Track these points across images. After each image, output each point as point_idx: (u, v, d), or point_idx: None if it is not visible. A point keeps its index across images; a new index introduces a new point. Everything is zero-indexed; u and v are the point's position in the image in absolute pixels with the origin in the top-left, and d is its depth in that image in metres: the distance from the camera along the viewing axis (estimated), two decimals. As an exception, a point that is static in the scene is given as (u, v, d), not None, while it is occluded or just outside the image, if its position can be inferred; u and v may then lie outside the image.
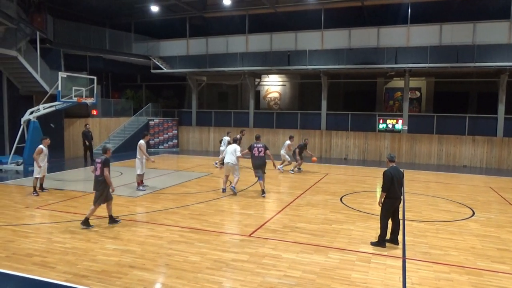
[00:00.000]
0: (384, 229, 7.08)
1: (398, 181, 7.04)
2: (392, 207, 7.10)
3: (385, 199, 7.08)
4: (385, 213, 7.12)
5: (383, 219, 7.12)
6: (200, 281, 5.58)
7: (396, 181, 7.00)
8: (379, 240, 7.10)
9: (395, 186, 6.99)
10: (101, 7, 21.96)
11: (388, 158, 7.36)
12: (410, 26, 18.80)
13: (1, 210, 9.25)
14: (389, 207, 7.08)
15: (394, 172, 7.04)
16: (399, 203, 7.18)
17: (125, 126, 22.35)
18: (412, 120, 19.76)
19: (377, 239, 7.15)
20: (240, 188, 12.19)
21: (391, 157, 7.33)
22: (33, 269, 5.94)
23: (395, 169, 7.12)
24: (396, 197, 7.07)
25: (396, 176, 7.02)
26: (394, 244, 7.14)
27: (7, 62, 15.79)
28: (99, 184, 8.04)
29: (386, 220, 7.12)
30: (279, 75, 25.78)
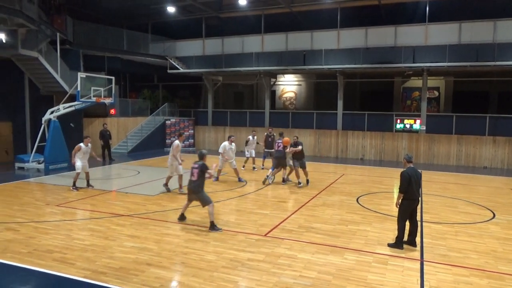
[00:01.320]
0: (402, 230, 6.99)
1: (415, 182, 6.94)
2: (409, 209, 7.01)
3: (403, 200, 6.99)
4: (402, 214, 7.02)
5: (400, 220, 7.03)
6: (216, 280, 5.62)
7: (414, 182, 6.90)
8: (396, 242, 7.01)
9: (413, 187, 6.89)
10: (119, 8, 22.29)
11: (405, 158, 7.26)
12: (428, 24, 18.49)
13: (23, 207, 9.50)
14: (406, 209, 6.99)
15: (412, 173, 6.94)
16: (417, 204, 7.08)
17: (142, 125, 22.63)
18: (431, 120, 19.43)
19: (394, 241, 7.07)
20: (256, 188, 12.22)
21: (409, 158, 7.23)
22: (53, 265, 6.08)
23: (412, 169, 7.02)
24: (413, 199, 6.97)
25: (413, 177, 6.92)
26: (412, 246, 7.04)
27: (28, 63, 16.19)
28: (196, 188, 7.93)
29: (404, 222, 7.02)
30: (295, 75, 25.70)
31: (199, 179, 7.93)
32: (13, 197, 10.65)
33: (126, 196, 10.86)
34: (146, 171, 15.32)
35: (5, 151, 16.91)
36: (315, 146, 21.33)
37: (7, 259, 6.28)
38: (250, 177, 14.10)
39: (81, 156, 11.59)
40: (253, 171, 15.34)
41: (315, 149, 21.31)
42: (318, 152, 21.22)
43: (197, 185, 7.95)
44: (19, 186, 12.15)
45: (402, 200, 6.99)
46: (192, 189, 8.00)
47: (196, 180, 7.93)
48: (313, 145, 21.36)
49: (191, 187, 8.02)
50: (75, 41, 19.30)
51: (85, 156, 11.74)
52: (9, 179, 13.26)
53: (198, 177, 7.91)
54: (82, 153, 11.62)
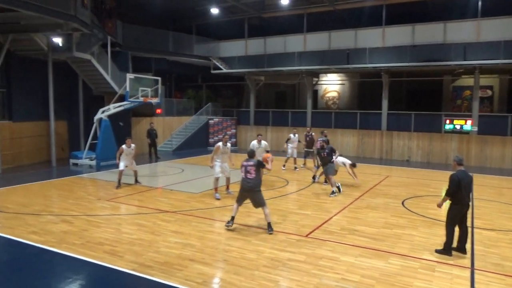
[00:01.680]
0: (450, 236, 6.69)
1: (466, 186, 6.61)
2: (459, 214, 6.68)
3: (452, 205, 6.68)
4: (451, 219, 6.71)
5: (449, 226, 6.72)
6: (256, 278, 5.68)
7: (464, 186, 6.57)
8: (444, 248, 6.72)
9: (463, 191, 6.56)
10: (165, 11, 23.02)
11: (455, 160, 6.89)
12: (480, 19, 17.49)
13: (77, 201, 10.09)
14: (456, 214, 6.67)
15: (462, 176, 6.61)
16: (467, 209, 6.74)
17: (187, 124, 23.23)
18: (483, 120, 18.37)
19: (442, 247, 6.78)
20: (297, 188, 12.18)
21: (459, 160, 6.87)
22: (104, 256, 6.41)
23: (463, 173, 6.68)
24: (463, 204, 6.64)
25: (464, 180, 6.59)
26: (461, 253, 6.72)
27: (82, 65, 17.14)
28: (256, 186, 7.77)
29: (453, 227, 6.71)
30: (338, 74, 25.27)
31: (257, 176, 7.76)
32: (68, 191, 11.34)
33: (171, 193, 11.22)
34: (190, 169, 15.73)
35: (61, 148, 18.01)
36: (359, 147, 20.88)
37: (62, 249, 6.71)
38: (291, 177, 14.06)
39: (124, 157, 12.01)
40: (294, 171, 15.28)
41: (359, 150, 20.86)
42: (362, 153, 20.75)
43: (257, 183, 7.77)
44: (73, 181, 12.91)
45: (451, 204, 6.69)
46: (250, 188, 7.71)
47: (255, 177, 7.73)
48: (356, 146, 20.93)
49: (249, 186, 7.72)
50: (125, 44, 20.17)
51: (129, 157, 12.10)
52: (65, 175, 14.14)
53: (256, 174, 7.75)
54: (125, 155, 12.02)
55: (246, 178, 7.78)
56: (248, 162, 7.90)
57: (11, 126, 15.79)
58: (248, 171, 7.77)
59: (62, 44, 15.90)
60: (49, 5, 12.15)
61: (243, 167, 7.86)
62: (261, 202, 7.81)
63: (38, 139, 16.95)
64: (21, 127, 16.20)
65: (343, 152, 20.95)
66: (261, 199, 7.81)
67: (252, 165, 7.79)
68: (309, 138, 15.64)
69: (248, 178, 7.76)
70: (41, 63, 16.31)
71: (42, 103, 16.76)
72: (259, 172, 7.80)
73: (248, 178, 7.76)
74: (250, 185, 7.73)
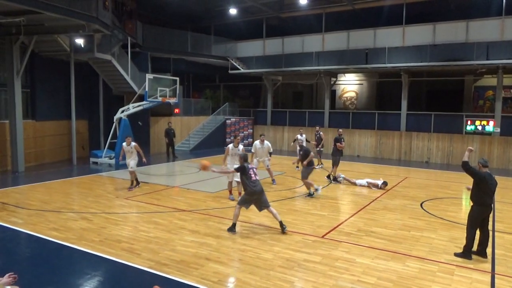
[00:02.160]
0: (471, 239, 6.54)
1: (490, 187, 6.46)
2: (481, 216, 6.52)
3: (474, 206, 6.54)
4: (472, 222, 6.56)
5: (470, 228, 6.57)
6: (272, 278, 5.68)
7: (488, 187, 6.44)
8: (464, 251, 6.58)
9: (487, 192, 6.43)
10: (184, 12, 23.25)
11: (480, 163, 6.70)
12: (504, 18, 17.02)
13: (96, 199, 10.30)
14: (477, 216, 6.52)
15: (488, 178, 6.48)
16: (489, 212, 6.58)
17: (204, 124, 23.41)
18: (506, 121, 17.87)
19: (462, 250, 6.64)
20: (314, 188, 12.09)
21: (484, 162, 6.68)
22: (121, 254, 6.53)
23: (489, 175, 6.54)
24: (486, 205, 6.49)
25: (489, 181, 6.45)
26: (482, 257, 6.56)
27: (103, 65, 17.47)
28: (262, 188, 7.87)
29: (474, 230, 6.56)
30: (356, 74, 25.01)
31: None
32: (88, 189, 11.59)
33: (188, 192, 11.32)
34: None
35: (82, 146, 18.41)
36: (377, 147, 20.61)
37: (82, 246, 6.87)
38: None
39: (126, 155, 11.66)
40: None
41: (377, 150, 20.60)
42: (380, 154, 20.48)
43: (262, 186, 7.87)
44: (93, 180, 13.18)
45: (473, 206, 6.55)
46: (261, 190, 7.75)
47: (259, 179, 7.86)
48: (374, 147, 20.67)
49: (259, 188, 7.72)
50: (144, 44, 20.46)
51: (130, 156, 11.58)
52: (85, 173, 14.44)
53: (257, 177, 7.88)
54: (126, 152, 11.64)
55: (254, 181, 7.73)
56: (251, 165, 8.06)
57: (34, 125, 16.24)
58: (256, 174, 7.87)
59: (84, 45, 16.25)
60: (72, 7, 12.46)
61: (251, 170, 7.83)
62: (267, 202, 7.88)
63: (60, 138, 17.38)
64: (44, 126, 16.64)
65: (361, 153, 20.79)
66: (267, 200, 7.90)
67: (256, 168, 8.03)
68: (317, 137, 16.03)
69: (256, 180, 7.78)
70: (64, 64, 16.71)
71: (64, 103, 17.17)
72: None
73: (257, 179, 7.81)
74: (260, 187, 7.76)
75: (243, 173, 7.78)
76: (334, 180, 13.04)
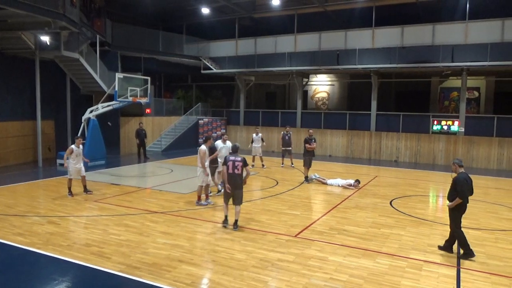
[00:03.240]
0: (463, 238, 6.66)
1: (470, 188, 6.70)
2: (461, 215, 6.75)
3: (456, 207, 6.67)
4: (458, 222, 6.73)
5: (457, 229, 6.71)
6: (245, 279, 5.67)
7: (470, 187, 6.68)
8: (465, 252, 6.62)
9: (469, 192, 6.67)
10: (155, 10, 22.89)
11: (456, 163, 6.90)
12: (468, 22, 17.75)
13: (63, 202, 9.96)
14: (460, 215, 6.73)
15: (467, 177, 6.70)
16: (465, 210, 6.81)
17: (176, 125, 23.10)
18: (470, 121, 18.64)
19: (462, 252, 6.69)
20: (286, 189, 12.20)
21: (460, 162, 6.90)
22: (91, 258, 6.34)
23: (466, 175, 6.75)
24: (466, 205, 6.72)
25: (469, 182, 6.69)
26: (448, 252, 6.80)
27: (70, 64, 16.94)
28: (241, 184, 7.82)
29: (461, 229, 6.74)
30: (328, 75, 25.41)
31: (242, 174, 7.79)
32: (55, 192, 11.18)
33: (160, 194, 11.14)
34: (179, 169, 15.64)
35: (48, 148, 17.77)
36: (348, 147, 21.00)
37: (49, 251, 6.62)
38: (281, 177, 14.08)
39: (74, 159, 10.54)
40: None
41: (348, 150, 20.99)
42: (351, 154, 20.88)
43: (242, 181, 7.82)
44: (60, 182, 12.73)
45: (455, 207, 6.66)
46: (237, 183, 7.75)
47: (241, 174, 7.76)
48: (345, 146, 21.05)
49: (236, 181, 7.72)
50: (114, 43, 19.98)
51: (78, 159, 10.63)
52: (52, 175, 13.94)
53: (241, 171, 7.76)
54: (75, 156, 10.54)
55: (233, 174, 7.74)
56: (236, 158, 7.82)
57: (-4, 125, 15.54)
58: (236, 167, 7.74)
59: (50, 43, 15.68)
60: (37, 3, 11.98)
61: (231, 162, 7.76)
62: (241, 199, 7.95)
63: (24, 139, 16.70)
64: (7, 126, 15.94)
65: (333, 153, 21.13)
66: (241, 197, 7.96)
67: (239, 161, 7.77)
68: (287, 137, 16.25)
69: (235, 174, 7.75)
70: (28, 62, 16.08)
71: (29, 103, 16.52)
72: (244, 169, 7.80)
73: (236, 173, 7.75)
74: (237, 181, 7.77)
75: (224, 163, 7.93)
76: (305, 179, 13.17)
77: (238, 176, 7.76)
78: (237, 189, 7.83)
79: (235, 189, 7.81)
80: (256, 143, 16.27)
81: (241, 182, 7.83)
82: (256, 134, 16.51)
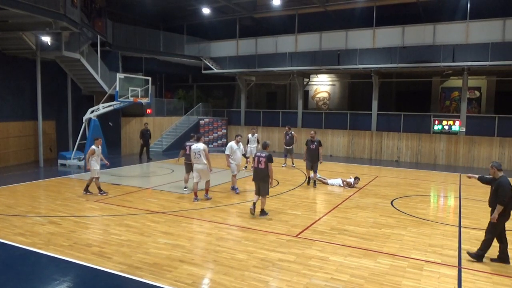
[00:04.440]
0: (488, 245, 6.36)
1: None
2: (503, 222, 6.36)
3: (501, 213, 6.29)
4: (495, 228, 6.36)
5: (490, 234, 6.40)
6: (246, 279, 5.67)
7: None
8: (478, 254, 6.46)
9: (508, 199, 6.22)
10: (156, 11, 22.90)
11: (495, 166, 6.45)
12: (469, 21, 17.73)
13: (65, 202, 9.97)
14: (502, 222, 6.35)
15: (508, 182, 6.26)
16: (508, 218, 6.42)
17: (177, 125, 23.12)
18: (471, 121, 18.62)
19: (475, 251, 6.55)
20: (287, 188, 12.20)
21: (499, 165, 6.45)
22: (92, 258, 6.34)
23: (507, 179, 6.31)
24: (509, 211, 6.32)
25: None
26: (505, 263, 6.39)
27: (71, 64, 16.95)
28: (263, 176, 8.69)
29: (494, 236, 6.40)
30: (329, 75, 25.40)
31: (266, 168, 8.62)
32: (56, 192, 11.20)
33: (161, 194, 11.15)
34: (180, 169, 15.62)
35: (49, 148, 17.79)
36: (349, 147, 21.00)
37: (50, 251, 6.62)
38: (282, 177, 14.08)
39: (95, 159, 10.79)
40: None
41: (349, 150, 20.98)
42: (352, 154, 20.87)
43: (266, 174, 8.65)
44: (61, 182, 12.75)
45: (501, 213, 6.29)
46: (261, 176, 8.68)
47: (264, 168, 8.63)
48: (346, 146, 21.05)
49: (260, 175, 8.69)
50: (115, 43, 19.98)
51: (98, 159, 10.92)
52: (53, 175, 13.96)
53: (265, 166, 8.61)
54: (97, 156, 10.85)
55: (257, 168, 8.77)
56: (261, 154, 8.81)
57: (-3, 126, 15.57)
58: (260, 162, 8.69)
59: (51, 43, 15.70)
60: (38, 4, 12.00)
61: (256, 157, 8.83)
62: (266, 191, 8.87)
63: (25, 139, 16.72)
64: (8, 127, 15.97)
65: (334, 153, 21.12)
66: (267, 189, 8.84)
67: (263, 157, 8.68)
68: (288, 136, 16.25)
69: (259, 168, 8.71)
70: (29, 62, 16.10)
71: (30, 103, 16.54)
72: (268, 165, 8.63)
73: (260, 168, 8.69)
74: (261, 174, 8.68)
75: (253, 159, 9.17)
76: (308, 181, 13.05)
77: (262, 171, 8.68)
78: (262, 182, 8.73)
79: (260, 182, 8.76)
80: (252, 143, 15.72)
81: (265, 176, 8.67)
82: (252, 134, 15.96)
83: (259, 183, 8.78)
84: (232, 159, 11.40)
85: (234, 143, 11.51)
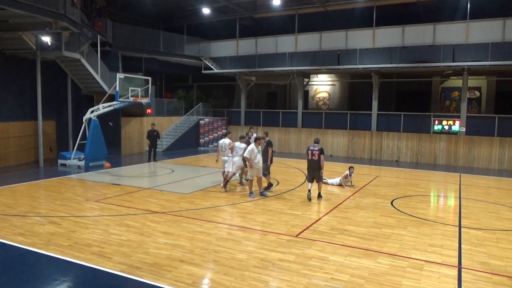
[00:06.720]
0: None
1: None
2: None
3: None
4: None
5: None
6: (246, 279, 5.66)
7: None
8: None
9: None
10: (156, 11, 22.91)
11: None
12: (469, 21, 17.74)
13: (65, 202, 9.97)
14: None
15: None
16: None
17: (177, 125, 23.12)
18: (471, 121, 18.62)
19: None
20: (287, 188, 12.20)
21: None
22: (92, 258, 6.34)
23: None
24: None
25: None
26: None
27: (71, 64, 16.95)
28: (318, 166, 10.28)
29: None
30: (329, 75, 25.40)
31: (319, 160, 10.20)
32: (56, 192, 11.20)
33: (161, 194, 11.15)
34: (180, 169, 15.65)
35: (49, 148, 17.79)
36: (349, 147, 21.00)
37: (50, 251, 6.62)
38: (282, 177, 14.08)
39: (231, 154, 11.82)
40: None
41: (349, 150, 20.99)
42: (352, 154, 20.88)
43: (319, 165, 10.21)
44: (61, 182, 12.75)
45: None
46: (315, 166, 10.28)
47: (317, 160, 10.22)
48: (346, 146, 21.05)
49: (314, 165, 10.29)
50: (115, 43, 19.99)
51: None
52: (53, 175, 13.95)
53: (318, 158, 10.20)
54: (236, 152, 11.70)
55: (312, 160, 10.32)
56: (314, 147, 10.34)
57: (-3, 126, 15.57)
58: (314, 154, 10.26)
59: (51, 43, 15.69)
60: (38, 4, 12.01)
61: (310, 151, 10.38)
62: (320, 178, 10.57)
63: (25, 139, 16.72)
64: (8, 127, 15.96)
65: (334, 153, 21.12)
66: (321, 176, 10.55)
67: (317, 150, 10.26)
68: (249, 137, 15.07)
69: (313, 160, 10.27)
70: (29, 62, 16.09)
71: (30, 103, 16.54)
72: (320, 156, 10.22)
73: (314, 159, 10.25)
74: (316, 165, 10.24)
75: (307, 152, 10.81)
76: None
77: (316, 162, 10.26)
78: (316, 171, 10.31)
79: (314, 171, 10.34)
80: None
81: (319, 166, 10.25)
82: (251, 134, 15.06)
83: (313, 172, 10.30)
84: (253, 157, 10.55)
85: (255, 146, 10.64)
